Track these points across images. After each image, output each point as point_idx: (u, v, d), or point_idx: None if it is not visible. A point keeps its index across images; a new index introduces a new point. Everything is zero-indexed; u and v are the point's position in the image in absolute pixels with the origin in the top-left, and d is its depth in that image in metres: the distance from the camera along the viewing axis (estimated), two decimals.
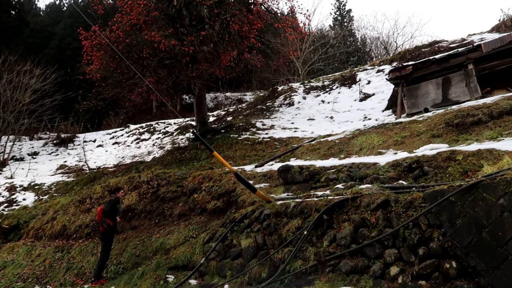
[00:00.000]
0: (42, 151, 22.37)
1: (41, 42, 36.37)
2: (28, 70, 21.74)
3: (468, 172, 6.00)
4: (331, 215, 5.91)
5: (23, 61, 22.08)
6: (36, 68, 22.35)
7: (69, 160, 19.83)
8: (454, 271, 4.44)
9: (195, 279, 6.88)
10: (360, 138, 10.06)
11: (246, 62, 17.16)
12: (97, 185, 11.79)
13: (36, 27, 38.80)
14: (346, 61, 37.97)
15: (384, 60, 22.73)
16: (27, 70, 21.67)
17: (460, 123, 8.43)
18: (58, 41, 37.11)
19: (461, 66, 12.17)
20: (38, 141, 23.72)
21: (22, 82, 21.25)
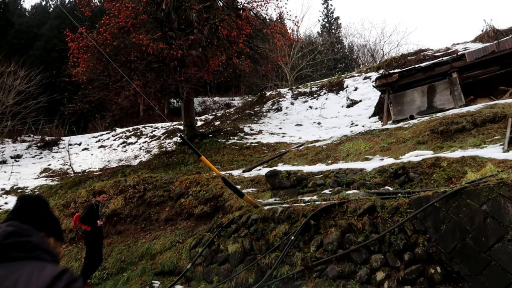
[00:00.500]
0: (25, 154, 21.96)
1: (26, 43, 35.83)
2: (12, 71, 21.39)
3: (453, 178, 6.10)
4: (318, 221, 5.93)
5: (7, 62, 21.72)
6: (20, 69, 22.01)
7: (53, 163, 19.50)
8: (438, 276, 4.50)
9: (181, 285, 6.82)
10: (347, 144, 10.15)
11: (234, 67, 17.20)
12: (82, 189, 11.61)
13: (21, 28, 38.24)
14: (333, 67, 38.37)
15: (371, 67, 23.03)
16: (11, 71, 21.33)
17: (444, 130, 8.58)
18: (43, 42, 36.61)
19: (446, 74, 12.42)
20: (21, 144, 23.27)
21: (5, 84, 20.89)
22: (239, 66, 17.04)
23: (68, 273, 1.25)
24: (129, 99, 15.29)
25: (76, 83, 16.63)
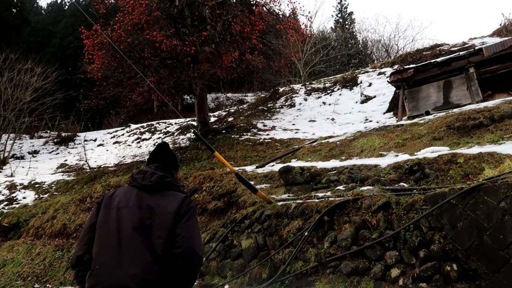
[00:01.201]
0: (42, 149, 22.38)
1: (42, 41, 36.41)
2: (29, 69, 21.76)
3: (469, 175, 6.01)
4: (332, 217, 5.91)
5: (24, 60, 22.11)
6: (37, 66, 22.37)
7: (69, 159, 19.83)
8: (455, 273, 4.44)
9: None
10: (361, 140, 10.07)
11: (247, 63, 17.18)
12: (97, 184, 11.79)
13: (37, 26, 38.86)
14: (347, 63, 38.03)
15: (385, 63, 22.76)
16: (28, 69, 21.70)
17: (461, 126, 8.44)
18: (59, 39, 37.15)
19: (462, 69, 12.20)
20: (38, 140, 23.73)
21: (23, 81, 21.26)
22: (252, 62, 17.02)
23: (188, 197, 2.36)
24: (143, 96, 15.43)
25: (91, 79, 16.85)
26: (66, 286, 7.79)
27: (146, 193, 2.34)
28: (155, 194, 2.33)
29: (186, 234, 2.17)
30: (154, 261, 2.10)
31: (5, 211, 12.49)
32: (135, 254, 2.10)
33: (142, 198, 2.30)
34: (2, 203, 13.52)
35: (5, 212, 12.21)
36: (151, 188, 2.35)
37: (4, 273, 8.67)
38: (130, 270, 2.05)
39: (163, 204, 2.27)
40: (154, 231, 2.17)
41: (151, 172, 2.42)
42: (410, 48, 34.10)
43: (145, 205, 2.25)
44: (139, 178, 2.40)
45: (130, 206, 2.25)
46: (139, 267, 2.06)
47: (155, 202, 2.28)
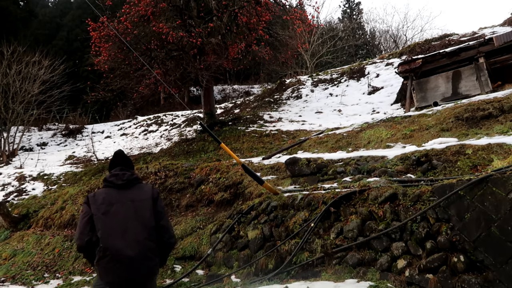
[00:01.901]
0: (51, 141, 22.59)
1: (49, 34, 36.52)
2: (36, 61, 21.87)
3: (478, 166, 5.95)
4: (338, 208, 5.91)
5: (31, 52, 22.21)
6: (44, 59, 22.47)
7: (77, 151, 20.00)
8: (462, 265, 4.42)
9: (202, 269, 6.94)
10: (368, 132, 10.01)
11: (254, 55, 17.09)
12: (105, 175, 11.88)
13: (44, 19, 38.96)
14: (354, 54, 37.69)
15: (393, 53, 22.52)
16: (35, 61, 21.81)
17: (470, 117, 8.35)
18: (66, 32, 37.23)
19: (472, 59, 12.03)
20: (47, 132, 23.95)
21: (30, 73, 21.39)
22: (258, 53, 16.92)
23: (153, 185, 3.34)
24: (150, 88, 15.45)
25: (98, 72, 16.90)
26: (75, 275, 7.90)
27: (124, 189, 3.15)
28: (130, 189, 3.18)
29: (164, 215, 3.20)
30: (148, 235, 3.01)
31: (15, 202, 12.66)
32: (134, 232, 2.97)
33: (123, 194, 3.13)
34: (12, 194, 13.70)
35: (15, 203, 12.38)
36: (126, 185, 3.17)
37: (14, 263, 8.82)
38: (134, 243, 2.93)
39: (138, 194, 3.16)
40: (141, 214, 3.05)
41: (121, 174, 3.22)
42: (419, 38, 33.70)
43: (127, 199, 3.10)
44: (114, 180, 3.20)
45: (119, 201, 3.08)
46: (139, 240, 2.95)
47: (133, 195, 3.15)
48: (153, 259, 2.98)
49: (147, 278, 2.93)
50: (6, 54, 20.65)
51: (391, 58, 21.06)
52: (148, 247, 2.96)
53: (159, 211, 3.16)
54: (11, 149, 19.91)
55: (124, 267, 2.85)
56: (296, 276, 5.60)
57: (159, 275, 7.04)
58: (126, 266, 2.85)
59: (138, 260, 2.87)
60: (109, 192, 3.14)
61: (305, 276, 5.47)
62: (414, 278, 4.63)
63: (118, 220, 2.98)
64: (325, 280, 5.13)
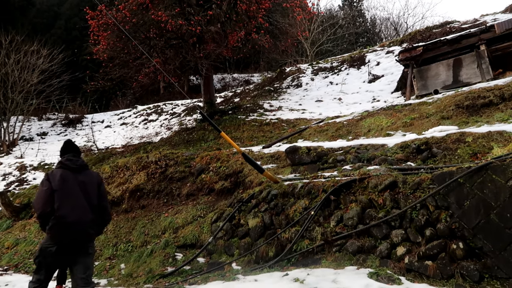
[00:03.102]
0: (51, 131, 22.58)
1: (47, 22, 36.19)
2: (35, 50, 21.72)
3: (478, 154, 5.96)
4: (338, 196, 5.93)
5: (30, 41, 22.04)
6: (43, 48, 22.31)
7: (77, 140, 20.00)
8: (461, 251, 4.46)
9: (203, 257, 7.00)
10: (369, 120, 10.00)
11: (253, 43, 16.94)
12: (105, 165, 11.91)
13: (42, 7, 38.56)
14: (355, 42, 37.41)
15: (394, 41, 22.36)
16: (34, 50, 21.66)
17: (470, 105, 8.33)
18: (64, 21, 36.91)
19: (473, 47, 11.95)
20: (46, 122, 23.92)
21: (29, 62, 21.27)
22: (258, 41, 16.77)
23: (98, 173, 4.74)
24: (149, 76, 15.38)
25: (97, 61, 16.79)
26: None
27: (76, 173, 3.98)
28: (81, 173, 4.02)
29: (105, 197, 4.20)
30: (91, 210, 3.92)
31: (16, 191, 12.71)
32: (82, 207, 3.85)
33: (76, 176, 3.95)
34: (13, 184, 13.75)
35: (16, 193, 12.42)
36: (78, 169, 4.01)
37: (17, 252, 8.90)
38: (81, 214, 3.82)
39: (88, 178, 4.03)
40: (89, 194, 3.94)
41: (75, 160, 4.06)
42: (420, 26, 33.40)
43: (79, 180, 3.95)
44: (69, 163, 4.02)
45: (72, 181, 3.90)
46: (85, 213, 3.84)
47: (83, 178, 4.00)
48: (93, 228, 3.94)
49: (87, 241, 3.90)
50: (4, 43, 20.50)
51: (391, 46, 20.92)
52: (90, 219, 3.86)
53: (101, 193, 4.08)
54: (11, 139, 19.92)
55: (71, 232, 3.73)
56: (297, 263, 5.66)
57: (161, 263, 7.13)
58: (72, 231, 3.73)
59: (81, 228, 3.78)
60: (64, 173, 3.93)
61: (305, 264, 5.52)
62: (414, 265, 4.68)
63: (70, 196, 3.80)
64: (325, 267, 5.18)
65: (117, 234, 8.70)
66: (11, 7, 28.35)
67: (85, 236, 3.84)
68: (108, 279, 7.19)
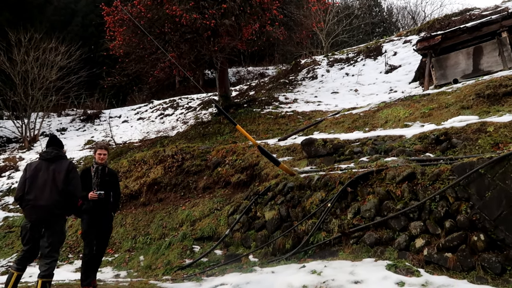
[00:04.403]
0: (70, 127, 23.00)
1: (64, 20, 36.71)
2: (53, 48, 22.05)
3: (499, 144, 5.81)
4: (355, 188, 5.88)
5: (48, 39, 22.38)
6: (61, 45, 22.64)
7: (96, 135, 20.33)
8: (482, 243, 4.38)
9: (220, 250, 7.06)
10: (386, 111, 9.85)
11: (268, 35, 16.82)
12: (123, 159, 12.09)
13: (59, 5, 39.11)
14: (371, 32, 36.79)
15: (411, 31, 21.90)
16: (52, 48, 21.99)
17: (491, 94, 8.11)
18: (81, 18, 37.38)
19: (494, 34, 11.59)
20: (66, 118, 24.35)
21: (48, 60, 21.62)
22: (272, 34, 16.64)
23: (71, 161, 5.84)
24: (165, 71, 15.46)
25: (113, 56, 16.96)
26: None
27: (49, 162, 4.56)
28: (54, 162, 4.57)
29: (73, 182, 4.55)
30: (58, 193, 4.41)
31: None
32: (49, 191, 4.40)
33: (49, 165, 4.53)
34: None
35: None
36: (51, 160, 4.58)
37: None
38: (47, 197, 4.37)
39: (59, 166, 4.55)
40: (57, 180, 4.45)
41: (50, 151, 4.64)
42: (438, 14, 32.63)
43: (51, 168, 4.51)
44: (45, 155, 4.64)
45: (44, 169, 4.50)
46: (51, 196, 4.38)
47: (54, 166, 4.53)
48: (58, 209, 4.44)
49: (53, 220, 4.42)
50: (24, 41, 20.89)
51: (409, 36, 20.50)
52: (54, 201, 4.39)
53: (69, 179, 4.53)
54: (32, 135, 20.37)
55: (38, 211, 4.35)
56: (313, 255, 5.65)
57: (179, 255, 7.21)
58: (38, 211, 4.35)
59: (46, 209, 4.35)
60: (40, 163, 4.59)
61: (322, 256, 5.51)
62: (433, 257, 4.61)
63: (40, 182, 4.41)
64: (342, 259, 5.16)
65: (135, 227, 8.84)
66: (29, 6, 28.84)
67: (49, 216, 4.38)
68: (128, 270, 7.33)
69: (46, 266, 4.28)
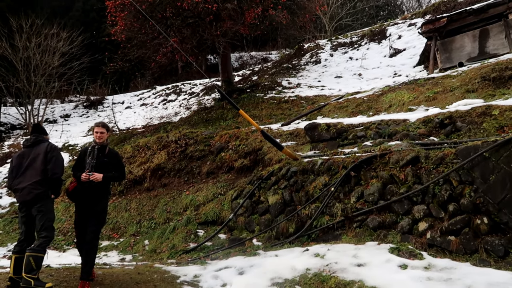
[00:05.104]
0: (73, 113, 23.03)
1: (66, 5, 36.37)
2: (55, 34, 21.90)
3: (504, 127, 5.77)
4: (358, 172, 5.88)
5: (49, 25, 22.22)
6: (62, 31, 22.48)
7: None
8: (485, 226, 4.38)
9: (224, 234, 7.12)
10: (390, 95, 9.78)
11: (271, 19, 16.63)
12: (127, 145, 12.12)
13: None
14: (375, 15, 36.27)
15: (416, 13, 21.57)
16: (54, 34, 21.84)
17: (497, 77, 8.01)
18: (82, 3, 37.01)
19: (501, 16, 11.39)
20: (69, 104, 24.37)
21: (50, 46, 21.50)
22: (275, 18, 16.44)
23: (50, 142, 4.79)
24: (167, 56, 15.37)
25: (115, 42, 16.85)
26: (103, 240, 8.23)
27: (30, 148, 4.67)
28: (34, 147, 4.66)
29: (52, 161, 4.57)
30: (37, 174, 4.51)
31: None
32: (29, 174, 4.53)
33: (29, 151, 4.65)
34: None
35: None
36: (31, 145, 4.68)
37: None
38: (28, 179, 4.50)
39: (38, 149, 4.63)
40: (36, 161, 4.55)
41: (30, 138, 4.75)
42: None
43: (32, 153, 4.62)
44: (26, 142, 4.78)
45: (26, 156, 4.62)
46: (31, 178, 4.49)
47: (34, 150, 4.63)
48: (38, 188, 4.46)
49: (36, 200, 4.47)
50: (25, 27, 20.74)
51: (414, 18, 20.20)
52: (35, 182, 4.47)
53: (48, 159, 4.56)
54: (36, 122, 20.44)
55: (22, 194, 4.49)
56: (317, 239, 5.69)
57: (183, 239, 7.29)
58: (21, 194, 4.50)
59: (27, 191, 4.45)
60: (23, 151, 4.75)
61: (325, 239, 5.55)
62: (436, 240, 4.63)
63: (22, 168, 4.58)
64: (345, 242, 5.19)
65: (140, 212, 8.92)
66: None
67: (31, 197, 4.46)
68: (133, 254, 7.43)
69: (36, 243, 4.36)
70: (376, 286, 3.95)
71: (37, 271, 4.21)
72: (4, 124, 21.11)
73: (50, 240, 4.53)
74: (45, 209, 4.47)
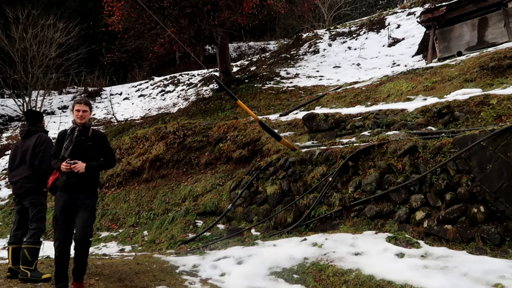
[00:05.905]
0: (71, 104, 22.94)
1: None
2: (51, 24, 21.69)
3: (502, 116, 5.78)
4: (356, 162, 5.89)
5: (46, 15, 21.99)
6: (59, 22, 22.27)
7: (97, 113, 20.31)
8: (482, 215, 4.41)
9: (222, 224, 7.16)
10: (388, 85, 9.76)
11: (269, 9, 16.51)
12: (125, 136, 12.10)
13: None
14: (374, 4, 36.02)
15: (415, 2, 21.40)
16: (50, 24, 21.63)
17: (495, 66, 8.00)
18: None
19: (500, 5, 11.32)
20: (66, 95, 24.27)
21: (46, 37, 21.30)
22: (274, 7, 16.33)
23: (41, 134, 4.63)
24: (165, 47, 15.29)
25: (112, 32, 16.73)
26: (102, 231, 8.29)
27: (24, 139, 4.66)
28: (27, 139, 4.61)
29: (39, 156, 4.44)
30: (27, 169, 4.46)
31: None
32: (21, 168, 4.52)
33: (23, 142, 4.64)
34: None
35: None
36: (25, 137, 4.65)
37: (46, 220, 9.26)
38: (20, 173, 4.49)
39: (28, 142, 4.56)
40: (27, 155, 4.50)
41: (23, 129, 4.73)
42: None
43: (24, 146, 4.59)
44: (20, 133, 4.78)
45: (20, 148, 4.61)
46: (22, 172, 4.48)
47: (27, 142, 4.59)
48: (29, 183, 4.42)
49: (27, 193, 4.44)
50: (21, 18, 20.54)
51: (413, 7, 20.07)
52: (25, 176, 4.45)
53: (36, 153, 4.47)
54: None
55: (14, 188, 4.59)
56: (315, 229, 5.72)
57: (182, 230, 7.32)
58: (14, 187, 4.58)
59: (19, 184, 4.46)
60: (18, 142, 4.77)
61: (323, 229, 5.58)
62: (433, 229, 4.66)
63: (16, 160, 4.59)
64: (343, 232, 5.22)
65: (139, 202, 8.94)
66: None
67: (23, 190, 4.45)
68: (132, 245, 7.47)
69: (28, 235, 4.36)
70: (373, 274, 3.98)
71: (33, 262, 4.22)
72: (2, 116, 21.06)
73: (41, 231, 4.51)
74: (36, 201, 4.47)
